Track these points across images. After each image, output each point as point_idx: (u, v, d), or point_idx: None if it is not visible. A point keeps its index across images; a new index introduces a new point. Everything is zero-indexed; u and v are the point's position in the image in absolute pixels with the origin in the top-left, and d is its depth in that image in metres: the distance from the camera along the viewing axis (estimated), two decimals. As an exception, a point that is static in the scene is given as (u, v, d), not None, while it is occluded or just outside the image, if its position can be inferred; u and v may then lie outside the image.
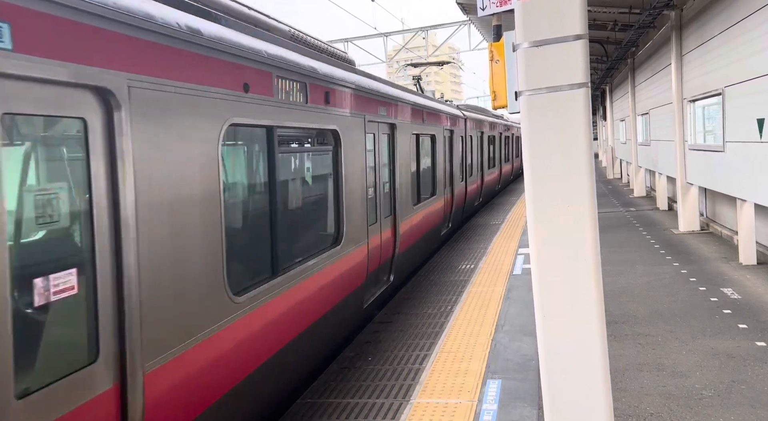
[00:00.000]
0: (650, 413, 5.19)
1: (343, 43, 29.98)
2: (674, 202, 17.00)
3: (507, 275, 10.30)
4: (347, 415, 5.46)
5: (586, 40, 3.23)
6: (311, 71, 5.84)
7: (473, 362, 6.37)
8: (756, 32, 9.30)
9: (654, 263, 10.84)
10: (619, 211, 18.44)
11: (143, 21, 3.44)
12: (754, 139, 9.40)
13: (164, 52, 3.63)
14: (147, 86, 3.47)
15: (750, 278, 9.43)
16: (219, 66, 4.21)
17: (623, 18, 16.57)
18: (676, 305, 8.25)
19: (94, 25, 3.11)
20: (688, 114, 14.02)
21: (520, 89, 3.38)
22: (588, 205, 3.29)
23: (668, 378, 5.87)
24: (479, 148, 18.72)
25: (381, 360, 6.73)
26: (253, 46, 4.71)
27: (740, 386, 5.59)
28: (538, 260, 3.40)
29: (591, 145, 3.28)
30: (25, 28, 2.71)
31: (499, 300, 8.71)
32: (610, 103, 33.52)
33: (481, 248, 13.01)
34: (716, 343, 6.73)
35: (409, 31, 30.66)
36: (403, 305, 8.86)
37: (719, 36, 11.23)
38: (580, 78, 3.24)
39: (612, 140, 33.10)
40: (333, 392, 5.99)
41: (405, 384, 6.04)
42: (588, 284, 3.33)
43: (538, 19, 3.26)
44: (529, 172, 3.38)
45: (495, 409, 5.27)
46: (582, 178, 3.28)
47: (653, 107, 18.84)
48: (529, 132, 3.36)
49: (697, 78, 13.05)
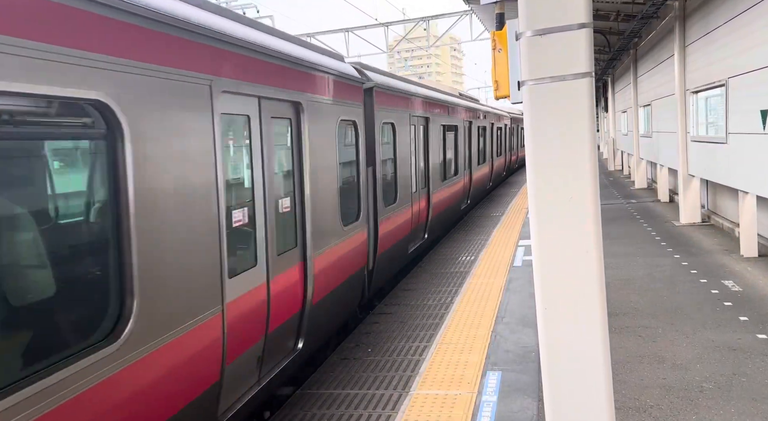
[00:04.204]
0: (650, 405, 5.18)
1: (343, 34, 29.82)
2: (675, 194, 16.96)
3: (507, 266, 10.27)
4: (346, 406, 5.45)
5: (591, 29, 3.18)
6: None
7: (473, 354, 6.35)
8: (760, 23, 9.22)
9: (655, 255, 10.81)
10: (620, 203, 18.40)
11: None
12: (757, 131, 9.35)
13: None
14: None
15: (751, 271, 9.40)
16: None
17: (626, 8, 16.46)
18: (677, 297, 8.23)
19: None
20: (691, 105, 13.94)
21: (522, 79, 3.33)
22: (590, 197, 3.25)
23: (668, 370, 5.86)
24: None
25: (381, 351, 6.72)
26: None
27: (741, 379, 5.58)
28: (539, 251, 3.37)
29: (594, 136, 3.24)
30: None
31: (500, 292, 8.69)
32: (612, 94, 33.39)
33: (482, 240, 12.98)
34: (717, 335, 6.71)
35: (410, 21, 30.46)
36: (403, 297, 8.84)
37: (723, 27, 11.14)
38: (584, 67, 3.19)
39: (613, 132, 33.00)
40: (333, 383, 5.98)
41: (405, 375, 6.03)
42: (590, 276, 3.29)
43: (541, 7, 3.20)
44: (532, 163, 3.34)
45: (495, 400, 5.26)
46: (585, 169, 3.24)
47: (655, 99, 18.75)
48: (532, 122, 3.31)
49: (700, 69, 12.97)
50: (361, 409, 5.37)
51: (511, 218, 15.81)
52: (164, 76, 3.73)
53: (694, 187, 14.07)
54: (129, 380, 3.38)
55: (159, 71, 3.68)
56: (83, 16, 3.12)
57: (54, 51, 2.90)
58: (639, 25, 17.51)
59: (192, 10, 4.16)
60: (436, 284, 9.43)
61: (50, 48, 2.88)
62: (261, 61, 5.06)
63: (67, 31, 2.99)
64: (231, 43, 4.51)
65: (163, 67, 3.71)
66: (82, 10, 3.11)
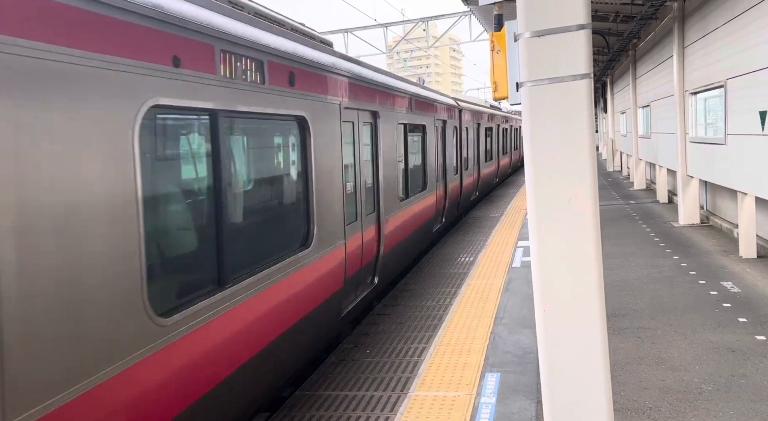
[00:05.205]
0: (649, 406, 5.17)
1: (343, 34, 29.82)
2: (674, 195, 16.96)
3: (506, 267, 10.27)
4: (345, 407, 5.44)
5: (589, 30, 3.17)
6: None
7: (472, 355, 6.35)
8: (759, 24, 9.22)
9: (654, 256, 10.81)
10: (619, 203, 18.40)
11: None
12: (756, 132, 9.35)
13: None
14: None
15: (750, 272, 9.40)
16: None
17: (625, 9, 16.47)
18: (676, 298, 8.22)
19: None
20: (690, 106, 13.95)
21: (521, 80, 3.33)
22: (589, 197, 3.24)
23: (667, 372, 5.85)
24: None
25: (379, 352, 6.71)
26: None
27: (740, 381, 5.57)
28: (538, 252, 3.36)
29: (593, 137, 3.24)
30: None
31: (498, 293, 8.69)
32: (611, 95, 33.40)
33: (481, 241, 12.98)
34: (716, 336, 6.71)
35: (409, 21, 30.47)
36: (402, 297, 8.83)
37: (722, 28, 11.14)
38: (583, 69, 3.19)
39: (612, 133, 33.02)
40: (331, 384, 5.97)
41: (403, 377, 6.02)
42: (589, 277, 3.29)
43: (540, 8, 3.20)
44: (531, 164, 3.33)
45: (493, 402, 5.25)
46: (584, 170, 3.23)
47: (654, 99, 18.76)
48: (531, 123, 3.30)
49: (699, 70, 12.97)
50: (360, 410, 5.36)
51: (511, 219, 15.81)
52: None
53: (693, 188, 14.08)
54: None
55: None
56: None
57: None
58: (638, 26, 17.51)
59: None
60: (435, 285, 9.43)
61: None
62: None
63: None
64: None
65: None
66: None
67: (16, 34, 2.65)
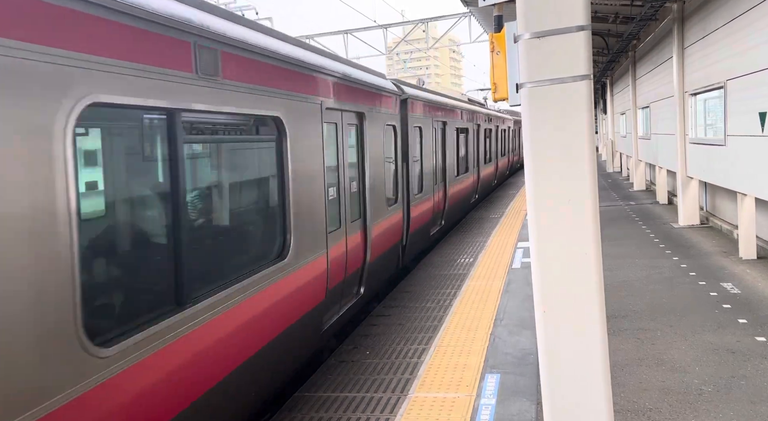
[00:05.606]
0: (649, 408, 5.17)
1: (342, 36, 29.82)
2: (674, 196, 16.96)
3: (506, 268, 10.26)
4: (344, 409, 5.44)
5: (589, 31, 3.17)
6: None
7: (472, 357, 6.34)
8: (758, 25, 9.22)
9: (653, 257, 10.81)
10: (619, 204, 18.40)
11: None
12: (755, 133, 9.35)
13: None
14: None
15: (750, 273, 9.40)
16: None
17: (625, 10, 16.47)
18: (676, 299, 8.22)
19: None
20: (690, 107, 13.95)
21: (521, 81, 3.32)
22: (589, 198, 3.24)
23: (667, 373, 5.85)
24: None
25: (379, 354, 6.71)
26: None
27: (740, 382, 5.57)
28: (538, 253, 3.36)
29: (593, 139, 3.23)
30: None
31: (498, 294, 8.68)
32: (611, 96, 33.41)
33: (480, 242, 12.97)
34: (716, 338, 6.70)
35: (409, 23, 30.46)
36: (402, 299, 8.83)
37: (721, 29, 11.14)
38: (583, 70, 3.19)
39: (612, 134, 33.02)
40: (330, 386, 5.96)
41: (403, 378, 6.01)
42: (588, 278, 3.29)
43: (539, 9, 3.20)
44: (530, 165, 3.33)
45: (493, 403, 5.25)
46: (583, 171, 3.23)
47: (654, 100, 18.76)
48: (530, 124, 3.30)
49: (698, 71, 12.98)
50: (359, 412, 5.36)
51: (510, 220, 15.80)
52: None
53: (692, 189, 14.07)
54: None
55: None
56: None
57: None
58: (637, 27, 17.52)
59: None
60: (435, 286, 9.42)
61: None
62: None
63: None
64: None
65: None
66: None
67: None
